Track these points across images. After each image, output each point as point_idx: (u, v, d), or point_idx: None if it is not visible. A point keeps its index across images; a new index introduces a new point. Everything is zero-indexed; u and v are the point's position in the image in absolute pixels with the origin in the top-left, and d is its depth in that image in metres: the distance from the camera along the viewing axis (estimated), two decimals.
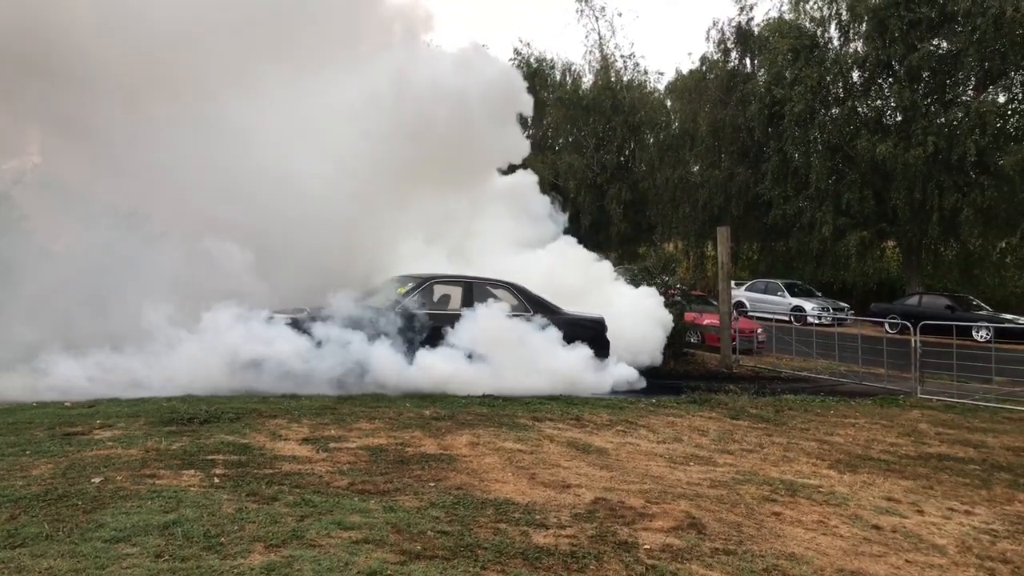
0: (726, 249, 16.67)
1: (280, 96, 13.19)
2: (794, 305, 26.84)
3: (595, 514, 5.25)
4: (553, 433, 7.95)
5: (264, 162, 12.44)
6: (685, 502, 5.70)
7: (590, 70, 35.88)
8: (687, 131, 32.19)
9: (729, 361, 15.88)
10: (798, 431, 9.18)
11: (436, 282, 12.26)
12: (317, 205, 12.53)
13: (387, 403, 9.23)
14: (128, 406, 8.28)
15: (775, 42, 28.23)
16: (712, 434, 8.61)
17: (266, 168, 12.39)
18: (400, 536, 4.49)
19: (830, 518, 5.64)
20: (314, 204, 12.50)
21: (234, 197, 12.02)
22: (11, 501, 4.76)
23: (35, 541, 4.11)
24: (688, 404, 10.59)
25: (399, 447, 6.88)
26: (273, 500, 5.04)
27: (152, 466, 5.76)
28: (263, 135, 12.68)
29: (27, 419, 7.45)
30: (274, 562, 3.95)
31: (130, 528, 4.32)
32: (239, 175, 12.23)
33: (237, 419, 7.62)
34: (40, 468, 5.64)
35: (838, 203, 26.66)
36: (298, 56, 13.54)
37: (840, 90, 27.64)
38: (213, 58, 12.48)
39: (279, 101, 13.14)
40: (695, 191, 31.25)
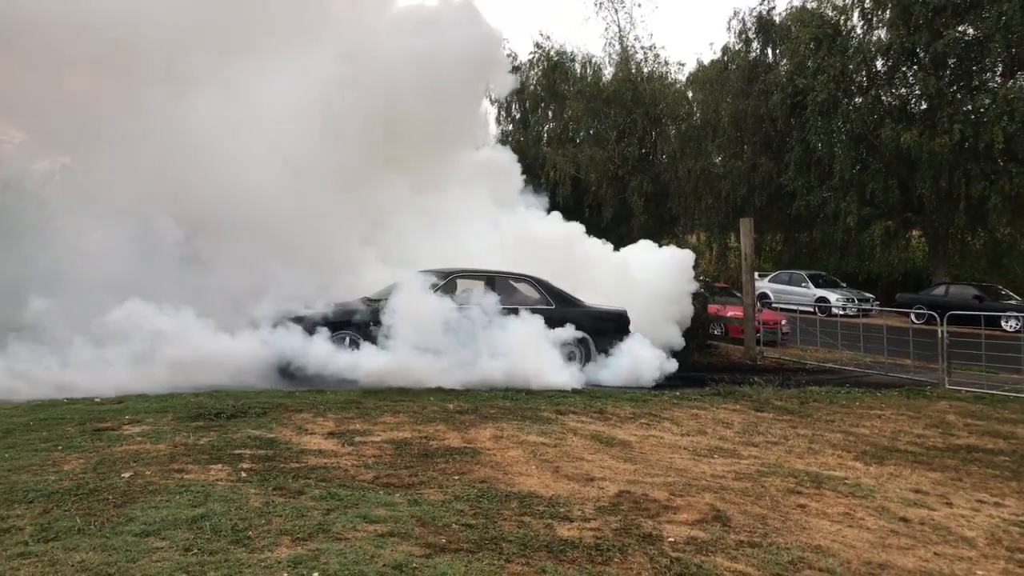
0: (749, 240, 16.56)
1: (229, 82, 12.73)
2: (818, 296, 26.61)
3: (619, 507, 5.26)
4: (576, 426, 7.96)
5: (209, 156, 12.17)
6: (710, 495, 5.69)
7: (610, 62, 35.74)
8: (709, 122, 31.94)
9: (753, 353, 15.80)
10: (823, 423, 9.13)
11: (459, 276, 12.29)
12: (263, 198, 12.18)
13: (411, 397, 9.27)
14: (156, 401, 8.39)
15: (797, 31, 27.92)
16: (736, 426, 8.58)
17: (210, 162, 12.12)
18: (425, 529, 4.52)
19: (856, 510, 5.60)
20: (260, 197, 12.16)
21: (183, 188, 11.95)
22: (44, 495, 4.85)
23: (68, 535, 4.18)
24: (712, 396, 10.55)
25: (423, 441, 6.92)
26: (299, 494, 5.09)
27: (180, 461, 5.83)
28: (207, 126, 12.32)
29: (58, 415, 7.57)
30: (301, 555, 3.99)
31: (159, 522, 4.38)
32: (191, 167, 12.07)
33: (264, 414, 7.70)
34: (71, 463, 5.73)
35: (862, 193, 26.36)
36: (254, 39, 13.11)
37: (864, 79, 27.30)
38: (158, 46, 12.19)
39: (223, 88, 12.68)
40: (717, 182, 31.03)
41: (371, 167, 13.86)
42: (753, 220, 17.53)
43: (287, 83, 12.84)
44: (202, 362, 10.04)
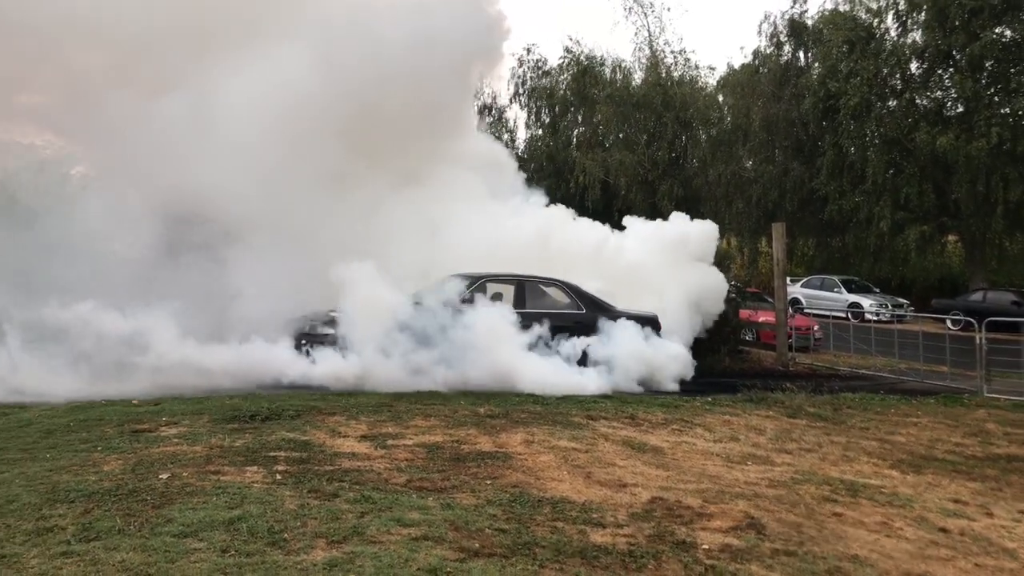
0: (781, 245, 16.42)
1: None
2: (851, 302, 26.31)
3: (652, 513, 5.23)
4: (608, 432, 7.94)
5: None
6: (743, 502, 5.64)
7: (640, 67, 35.61)
8: (740, 126, 31.72)
9: (785, 359, 15.65)
10: (858, 430, 9.01)
11: (489, 280, 12.32)
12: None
13: (442, 401, 9.31)
14: (192, 404, 8.50)
15: (830, 34, 27.65)
16: (769, 433, 8.50)
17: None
18: (458, 533, 4.53)
19: (894, 520, 5.53)
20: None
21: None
22: (85, 496, 4.93)
23: (108, 535, 4.25)
24: (744, 402, 10.47)
25: (455, 445, 6.94)
26: (334, 496, 5.12)
27: (216, 463, 5.90)
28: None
29: (97, 416, 7.69)
30: (336, 558, 4.02)
31: (197, 523, 4.44)
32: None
33: (297, 416, 7.77)
34: (111, 464, 5.82)
35: (896, 197, 26.02)
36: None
37: (898, 82, 26.97)
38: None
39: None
40: (748, 187, 30.80)
41: (356, 160, 13.53)
42: (785, 225, 17.38)
43: (267, 76, 12.44)
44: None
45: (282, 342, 10.93)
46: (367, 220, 13.38)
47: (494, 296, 12.42)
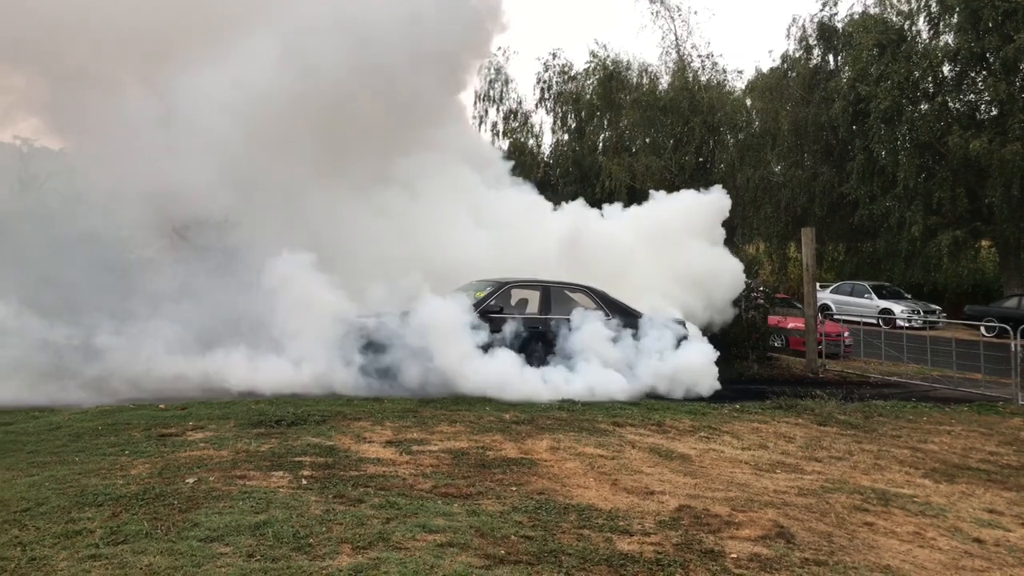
0: (811, 251, 16.23)
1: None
2: (882, 308, 25.97)
3: (680, 521, 5.17)
4: (634, 439, 7.87)
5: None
6: (772, 510, 5.56)
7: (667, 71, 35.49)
8: (768, 130, 31.49)
9: (815, 365, 15.46)
10: (889, 438, 8.87)
11: (514, 286, 12.29)
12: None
13: (467, 406, 9.29)
14: (218, 408, 8.55)
15: (860, 37, 27.35)
16: (799, 441, 8.39)
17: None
18: (484, 540, 4.51)
19: (927, 530, 5.42)
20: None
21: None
22: (112, 499, 4.96)
23: (136, 538, 4.27)
24: (773, 410, 10.34)
25: (480, 451, 6.91)
26: (359, 502, 5.12)
27: (242, 467, 5.92)
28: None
29: (125, 420, 7.76)
30: (361, 564, 4.01)
31: (223, 528, 4.45)
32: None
33: (323, 421, 7.79)
34: (138, 468, 5.87)
35: (928, 202, 25.66)
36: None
37: (930, 85, 26.61)
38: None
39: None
40: (777, 191, 30.55)
41: (335, 155, 13.21)
42: (814, 230, 17.19)
43: (241, 70, 12.17)
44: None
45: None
46: (343, 217, 13.10)
47: (519, 302, 12.40)
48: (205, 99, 11.88)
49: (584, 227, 14.11)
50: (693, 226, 14.48)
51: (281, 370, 10.33)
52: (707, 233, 14.66)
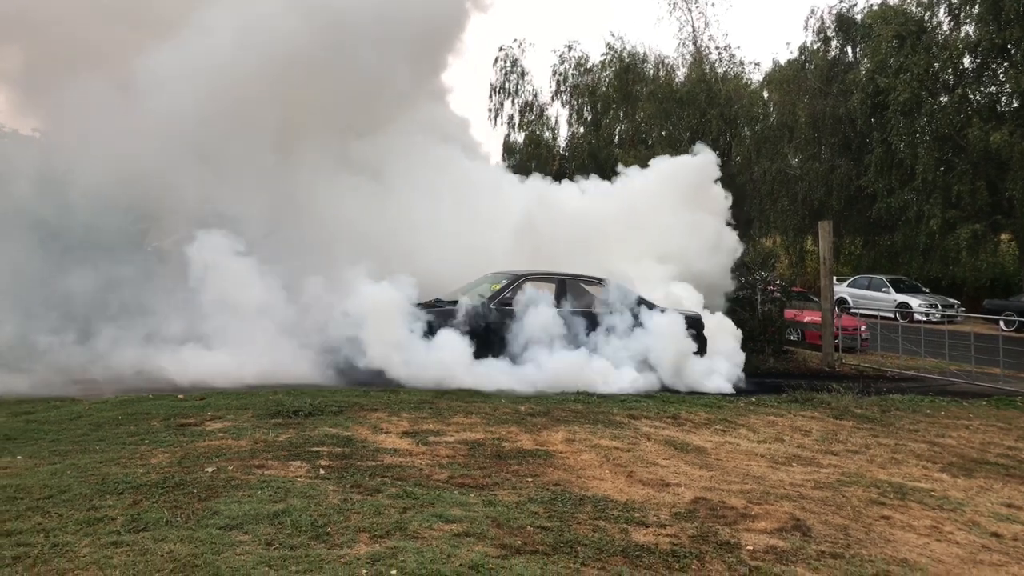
0: (828, 244, 16.15)
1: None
2: (899, 302, 25.81)
3: (695, 513, 5.18)
4: (650, 431, 7.88)
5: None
6: (788, 503, 5.56)
7: (684, 63, 35.38)
8: (785, 123, 31.33)
9: (831, 359, 15.40)
10: (906, 432, 8.83)
11: (529, 279, 12.29)
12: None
13: (483, 398, 9.32)
14: (236, 398, 8.62)
15: (879, 28, 27.13)
16: (815, 434, 8.37)
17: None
18: (500, 530, 4.53)
19: (944, 524, 5.40)
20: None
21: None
22: (133, 488, 5.02)
23: (156, 526, 4.32)
24: (789, 403, 10.32)
25: (496, 442, 6.94)
26: (376, 492, 5.15)
27: (261, 457, 5.97)
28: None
29: (144, 410, 7.83)
30: (379, 552, 4.04)
31: (242, 516, 4.49)
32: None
33: (340, 412, 7.84)
34: (158, 457, 5.93)
35: (947, 195, 25.44)
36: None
37: (950, 77, 26.38)
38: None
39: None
40: (794, 184, 30.39)
41: (300, 133, 12.89)
42: (831, 223, 17.10)
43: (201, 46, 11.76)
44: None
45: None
46: (304, 197, 12.86)
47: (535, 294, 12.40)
48: (168, 76, 11.57)
49: (545, 202, 13.92)
50: (678, 193, 14.28)
51: (216, 363, 10.15)
52: (695, 199, 14.43)
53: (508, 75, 36.72)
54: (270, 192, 12.44)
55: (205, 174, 11.83)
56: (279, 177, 12.64)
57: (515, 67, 36.62)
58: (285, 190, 12.66)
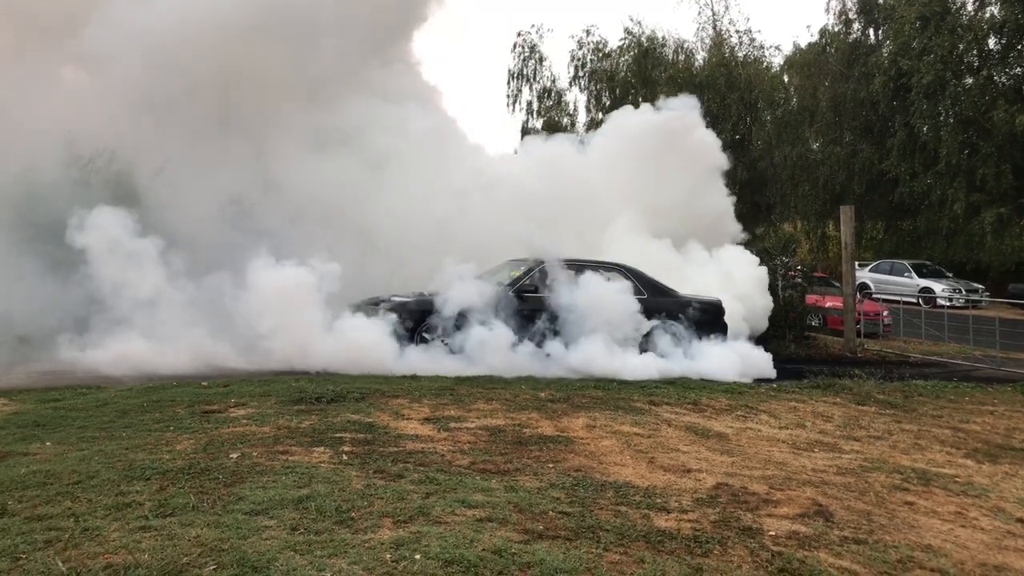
0: (849, 229, 16.02)
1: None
2: (922, 287, 25.59)
3: (717, 499, 5.18)
4: (671, 417, 7.87)
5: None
6: (811, 489, 5.54)
7: (703, 47, 35.10)
8: (806, 107, 31.05)
9: (853, 345, 15.30)
10: (930, 418, 8.77)
11: (548, 266, 12.28)
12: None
13: (503, 385, 9.34)
14: (259, 385, 8.70)
15: (902, 10, 26.80)
16: (837, 420, 8.33)
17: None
18: (522, 516, 4.55)
19: (969, 510, 5.37)
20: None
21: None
22: (159, 473, 5.09)
23: (183, 511, 4.38)
24: (811, 389, 10.27)
25: (517, 428, 6.96)
26: (399, 477, 5.19)
27: (284, 443, 6.03)
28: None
29: (169, 397, 7.92)
30: (402, 537, 4.07)
31: (267, 502, 4.54)
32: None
33: (362, 399, 7.89)
34: (183, 443, 6.00)
35: (971, 179, 25.14)
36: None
37: (974, 58, 26.03)
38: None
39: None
40: (815, 169, 30.13)
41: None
42: (853, 208, 16.95)
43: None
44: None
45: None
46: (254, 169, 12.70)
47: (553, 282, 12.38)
48: (119, 39, 11.45)
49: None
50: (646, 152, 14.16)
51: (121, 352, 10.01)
52: (663, 162, 14.28)
53: (526, 61, 36.60)
54: (229, 165, 12.29)
55: (159, 144, 11.72)
56: (236, 149, 12.48)
57: (533, 53, 36.49)
58: (244, 163, 12.48)
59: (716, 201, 15.22)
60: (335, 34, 13.00)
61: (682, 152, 14.90)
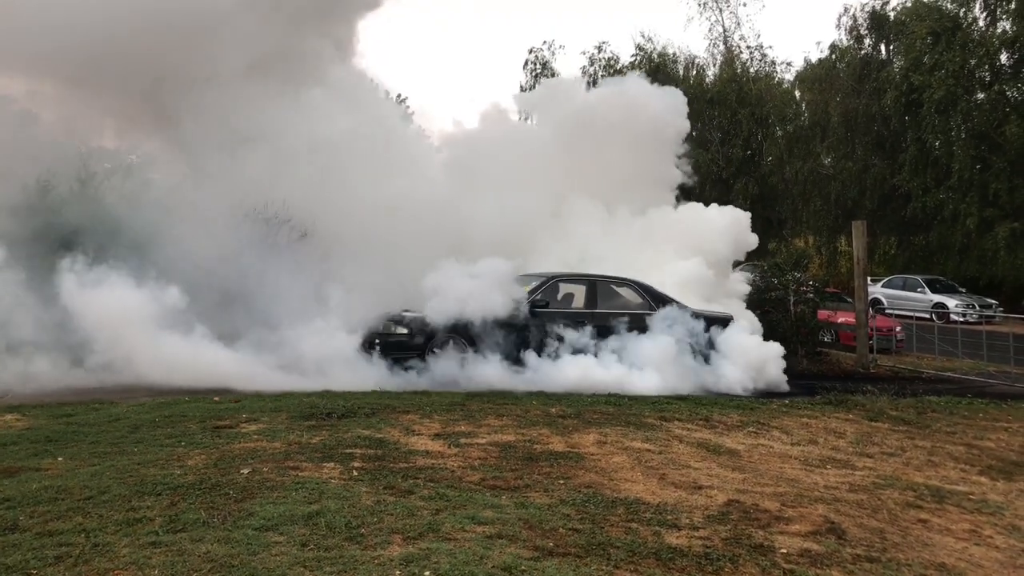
0: (862, 244, 15.96)
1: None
2: (935, 302, 25.40)
3: (728, 516, 5.15)
4: (682, 433, 7.84)
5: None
6: (823, 506, 5.51)
7: (714, 63, 35.16)
8: (817, 122, 31.04)
9: (866, 361, 15.21)
10: (943, 434, 8.70)
11: (560, 280, 12.31)
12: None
13: (513, 400, 9.33)
14: (271, 401, 8.71)
15: (913, 26, 26.80)
16: (849, 436, 8.28)
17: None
18: (532, 532, 4.54)
19: (983, 527, 5.32)
20: None
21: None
22: (171, 489, 5.10)
23: (193, 527, 4.39)
24: (823, 405, 10.21)
25: (527, 444, 6.95)
26: (409, 493, 5.19)
27: (295, 459, 6.03)
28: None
29: (181, 412, 7.95)
30: (412, 554, 4.07)
31: (277, 517, 4.54)
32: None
33: (372, 414, 7.89)
34: (194, 459, 6.01)
35: (984, 193, 25.03)
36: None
37: (986, 74, 25.97)
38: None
39: None
40: (827, 184, 30.08)
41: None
42: (865, 223, 16.89)
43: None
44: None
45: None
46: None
47: (565, 296, 12.41)
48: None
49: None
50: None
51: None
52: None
53: (538, 77, 36.69)
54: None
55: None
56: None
57: (545, 69, 36.59)
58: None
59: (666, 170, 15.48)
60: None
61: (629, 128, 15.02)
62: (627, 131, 14.71)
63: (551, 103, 16.24)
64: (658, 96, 15.75)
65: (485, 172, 14.00)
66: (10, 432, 7.08)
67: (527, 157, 14.33)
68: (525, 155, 14.33)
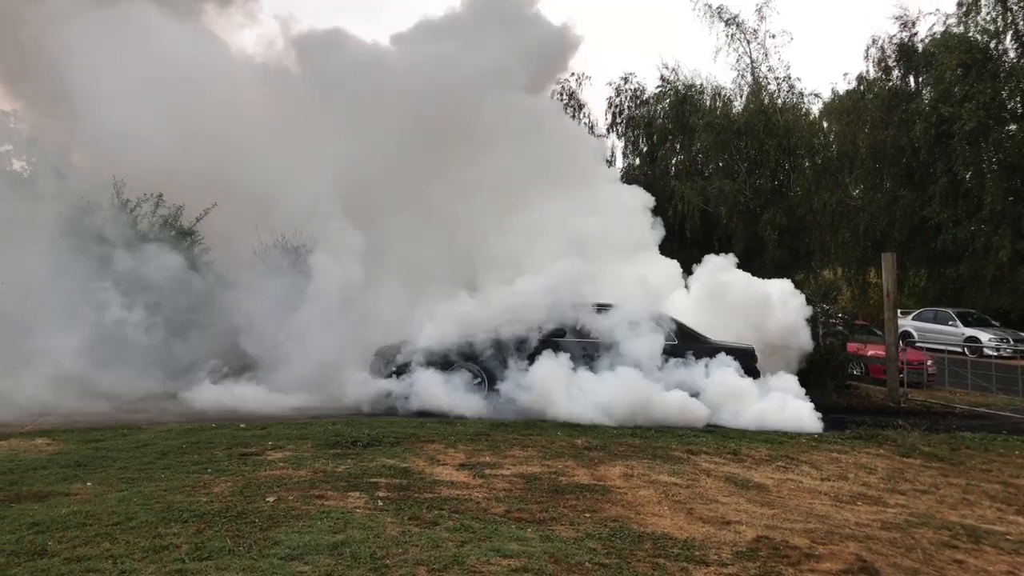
0: (892, 276, 15.78)
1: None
2: (968, 335, 24.99)
3: (757, 552, 5.06)
4: (709, 467, 7.74)
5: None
6: (854, 544, 5.40)
7: (741, 94, 35.13)
8: (845, 153, 30.83)
9: (897, 395, 14.96)
10: (978, 472, 8.51)
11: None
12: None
13: (538, 431, 9.28)
14: (296, 428, 8.74)
15: (942, 57, 26.63)
16: (881, 472, 8.12)
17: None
18: (558, 566, 4.49)
19: (1021, 569, 5.18)
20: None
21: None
22: (197, 516, 5.11)
23: (219, 555, 4.39)
24: (853, 440, 10.03)
25: (553, 476, 6.89)
26: (434, 524, 5.16)
27: (320, 487, 6.03)
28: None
29: (207, 439, 7.99)
30: None
31: (303, 547, 4.54)
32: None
33: (397, 443, 7.88)
34: (220, 486, 6.03)
35: (1017, 225, 24.67)
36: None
37: (1017, 105, 25.73)
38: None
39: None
40: (855, 215, 29.81)
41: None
42: (895, 255, 16.71)
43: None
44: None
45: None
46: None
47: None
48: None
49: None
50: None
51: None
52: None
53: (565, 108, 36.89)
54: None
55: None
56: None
57: (572, 100, 36.79)
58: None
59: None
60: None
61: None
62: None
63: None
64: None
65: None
66: (40, 456, 7.15)
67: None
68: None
